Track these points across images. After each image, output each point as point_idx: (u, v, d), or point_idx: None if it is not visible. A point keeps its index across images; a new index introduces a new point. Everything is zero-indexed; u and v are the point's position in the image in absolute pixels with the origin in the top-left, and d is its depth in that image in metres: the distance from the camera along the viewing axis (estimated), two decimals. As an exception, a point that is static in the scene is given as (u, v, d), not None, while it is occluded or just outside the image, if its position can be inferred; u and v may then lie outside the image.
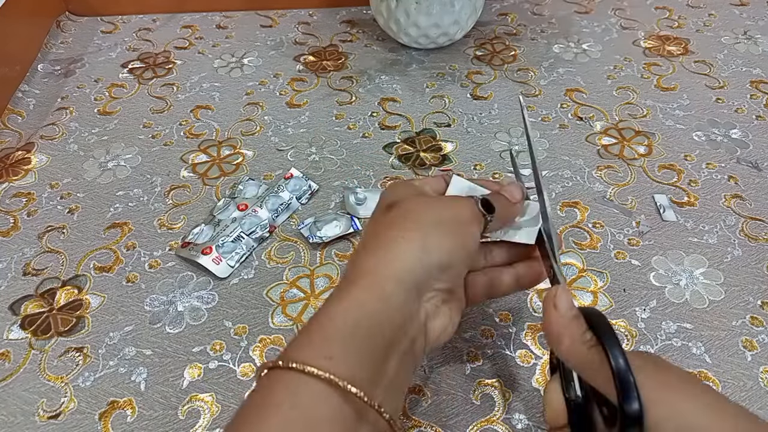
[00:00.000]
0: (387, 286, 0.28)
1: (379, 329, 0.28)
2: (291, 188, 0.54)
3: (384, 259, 0.29)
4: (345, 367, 0.26)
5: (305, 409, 0.25)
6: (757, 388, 0.40)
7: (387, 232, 0.31)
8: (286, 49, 0.76)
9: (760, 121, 0.62)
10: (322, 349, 0.26)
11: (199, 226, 0.51)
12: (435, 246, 0.30)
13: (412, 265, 0.29)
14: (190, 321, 0.45)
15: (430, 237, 0.30)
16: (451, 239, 0.31)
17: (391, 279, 0.29)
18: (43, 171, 0.58)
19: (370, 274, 0.29)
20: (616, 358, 0.26)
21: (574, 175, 0.56)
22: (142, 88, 0.70)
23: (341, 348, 0.27)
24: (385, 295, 0.28)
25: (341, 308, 0.28)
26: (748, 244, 0.49)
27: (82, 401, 0.40)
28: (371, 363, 0.27)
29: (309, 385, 0.25)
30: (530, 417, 0.38)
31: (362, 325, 0.27)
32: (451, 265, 0.31)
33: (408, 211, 0.32)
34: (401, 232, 0.30)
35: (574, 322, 0.29)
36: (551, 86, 0.68)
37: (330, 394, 0.25)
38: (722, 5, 0.83)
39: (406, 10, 0.67)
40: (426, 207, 0.32)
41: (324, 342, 0.27)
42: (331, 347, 0.26)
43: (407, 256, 0.29)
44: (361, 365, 0.26)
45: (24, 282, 0.48)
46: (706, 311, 0.44)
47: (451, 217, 0.31)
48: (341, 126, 0.63)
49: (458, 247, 0.31)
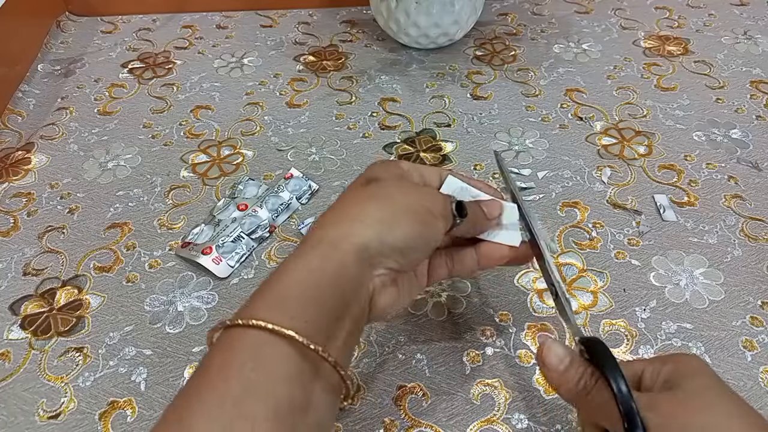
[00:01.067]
0: (346, 257, 0.29)
1: (334, 294, 0.28)
2: (291, 188, 0.54)
3: (348, 232, 0.30)
4: (304, 325, 0.26)
5: (267, 367, 0.25)
6: (757, 388, 0.40)
7: (357, 206, 0.32)
8: (286, 49, 0.76)
9: (760, 121, 0.62)
10: (283, 308, 0.27)
11: (199, 226, 0.51)
12: (398, 230, 0.31)
13: (370, 242, 0.30)
14: (190, 321, 0.45)
15: (395, 220, 0.31)
16: (415, 228, 0.31)
17: (351, 251, 0.29)
18: (43, 171, 0.58)
19: (332, 243, 0.30)
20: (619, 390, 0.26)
21: (574, 175, 0.56)
22: (142, 88, 0.70)
23: (301, 307, 0.27)
24: (341, 264, 0.29)
25: (300, 271, 0.29)
26: (748, 244, 0.49)
27: (82, 401, 0.40)
28: (326, 323, 0.28)
29: (271, 344, 0.26)
30: (530, 417, 0.38)
31: (321, 287, 0.28)
32: (408, 251, 0.31)
33: (383, 192, 0.33)
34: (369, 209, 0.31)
35: (566, 374, 0.30)
36: (551, 86, 0.68)
37: (290, 351, 0.26)
38: (722, 5, 0.83)
39: (406, 10, 0.67)
40: (400, 192, 0.33)
41: (285, 301, 0.28)
42: (292, 307, 0.27)
43: (369, 233, 0.30)
44: (316, 324, 0.27)
45: (24, 282, 0.48)
46: (706, 311, 0.44)
47: (421, 207, 0.32)
48: (341, 126, 0.63)
49: (420, 237, 0.32)
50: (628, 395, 0.26)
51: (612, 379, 0.26)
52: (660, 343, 0.42)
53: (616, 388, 0.26)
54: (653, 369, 0.29)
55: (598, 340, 0.29)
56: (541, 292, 0.46)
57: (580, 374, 0.29)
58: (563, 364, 0.30)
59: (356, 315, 0.30)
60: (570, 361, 0.30)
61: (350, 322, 0.29)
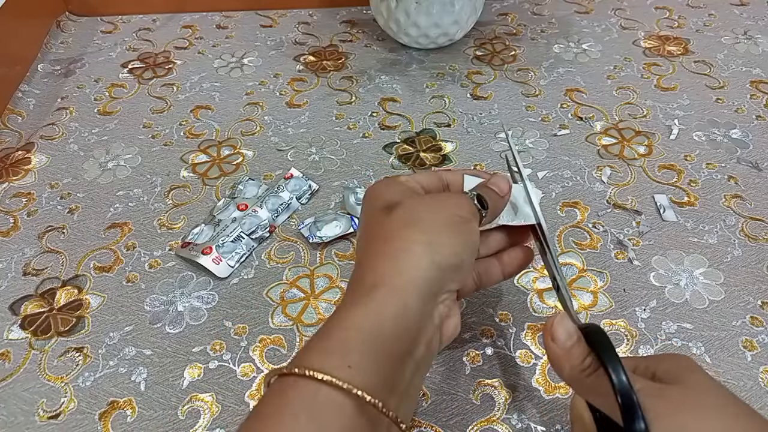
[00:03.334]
0: (404, 295, 0.28)
1: (397, 338, 0.27)
2: (291, 188, 0.54)
3: (397, 267, 0.29)
4: (362, 376, 0.25)
5: (322, 420, 0.24)
6: (757, 388, 0.40)
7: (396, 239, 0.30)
8: (286, 49, 0.76)
9: (760, 121, 0.62)
10: (339, 357, 0.26)
11: (199, 226, 0.51)
12: (446, 249, 0.30)
13: (427, 273, 0.29)
14: (190, 321, 0.45)
15: (439, 240, 0.30)
16: (458, 239, 0.30)
17: (408, 288, 0.28)
18: (43, 171, 0.58)
19: (385, 282, 0.28)
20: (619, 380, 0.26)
21: (574, 175, 0.56)
22: (142, 88, 0.70)
23: (359, 357, 0.26)
24: (402, 304, 0.28)
25: (358, 316, 0.28)
26: (748, 244, 0.49)
27: (82, 401, 0.40)
28: (388, 372, 0.27)
29: (326, 395, 0.25)
30: (530, 417, 0.38)
31: (380, 334, 0.27)
32: (462, 264, 0.31)
33: (412, 214, 0.31)
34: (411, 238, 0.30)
35: (572, 351, 0.29)
36: (551, 86, 0.68)
37: (346, 404, 0.25)
38: (722, 5, 0.83)
39: (406, 10, 0.67)
40: (428, 208, 0.32)
41: (341, 350, 0.26)
42: (348, 356, 0.26)
43: (421, 263, 0.29)
44: (377, 374, 0.26)
45: (24, 282, 0.48)
46: (706, 311, 0.44)
47: (454, 216, 0.31)
48: (341, 126, 0.63)
49: (466, 246, 0.31)
50: (627, 386, 0.25)
51: (611, 368, 0.26)
52: (660, 343, 0.42)
53: (616, 379, 0.26)
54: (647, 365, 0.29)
55: (598, 328, 0.29)
56: (541, 292, 0.46)
57: (585, 354, 0.28)
58: (571, 341, 0.29)
59: (422, 355, 0.29)
60: (578, 338, 0.29)
61: (414, 365, 0.28)
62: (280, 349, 0.43)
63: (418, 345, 0.28)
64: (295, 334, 0.44)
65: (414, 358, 0.28)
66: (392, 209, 0.32)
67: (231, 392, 0.40)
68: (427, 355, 0.29)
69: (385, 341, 0.27)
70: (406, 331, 0.28)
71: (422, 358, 0.29)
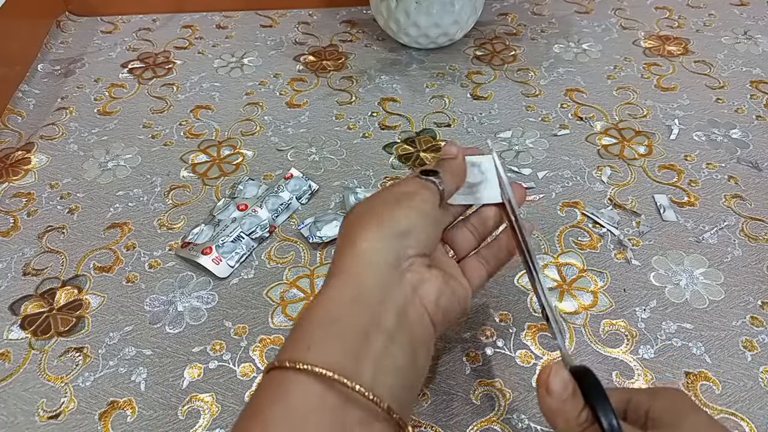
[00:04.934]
0: (357, 272, 0.30)
1: (354, 314, 0.29)
2: (291, 188, 0.54)
3: (352, 254, 0.31)
4: (323, 355, 0.27)
5: (289, 402, 0.26)
6: (757, 388, 0.40)
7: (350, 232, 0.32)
8: (286, 49, 0.76)
9: (760, 121, 0.62)
10: (301, 342, 0.28)
11: (199, 226, 0.51)
12: (390, 220, 0.31)
13: (376, 246, 0.30)
14: (190, 321, 0.45)
15: (384, 216, 0.31)
16: (402, 207, 0.32)
17: (361, 267, 0.30)
18: (43, 171, 0.58)
19: (342, 271, 0.30)
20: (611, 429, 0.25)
21: (574, 175, 0.56)
22: (142, 88, 0.70)
23: (318, 337, 0.28)
24: (357, 282, 0.30)
25: (319, 306, 0.30)
26: (748, 244, 0.49)
27: (82, 401, 0.40)
28: (351, 346, 0.27)
29: (293, 379, 0.26)
30: (530, 417, 0.38)
31: (337, 312, 0.29)
32: (410, 229, 0.31)
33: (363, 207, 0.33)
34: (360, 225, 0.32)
35: (568, 404, 0.28)
36: (551, 86, 0.68)
37: (313, 384, 0.26)
38: (722, 5, 0.83)
39: (406, 10, 0.67)
40: (376, 196, 0.34)
41: (303, 337, 0.28)
42: (307, 339, 0.28)
43: (371, 243, 0.30)
44: (339, 351, 0.27)
45: (24, 282, 0.48)
46: (706, 311, 0.44)
47: (396, 194, 0.33)
48: (341, 126, 0.63)
49: (412, 212, 0.32)
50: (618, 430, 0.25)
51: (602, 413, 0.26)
52: (660, 343, 0.42)
53: (607, 425, 0.25)
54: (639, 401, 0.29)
55: (587, 370, 0.28)
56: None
57: (581, 406, 0.28)
58: (567, 393, 0.28)
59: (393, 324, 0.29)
60: (573, 390, 0.28)
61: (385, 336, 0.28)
62: (281, 349, 0.43)
63: (384, 315, 0.29)
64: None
65: (382, 329, 0.29)
66: (350, 212, 0.34)
67: (231, 392, 0.40)
68: (402, 325, 0.29)
69: (342, 319, 0.28)
70: (364, 304, 0.29)
71: (394, 327, 0.29)
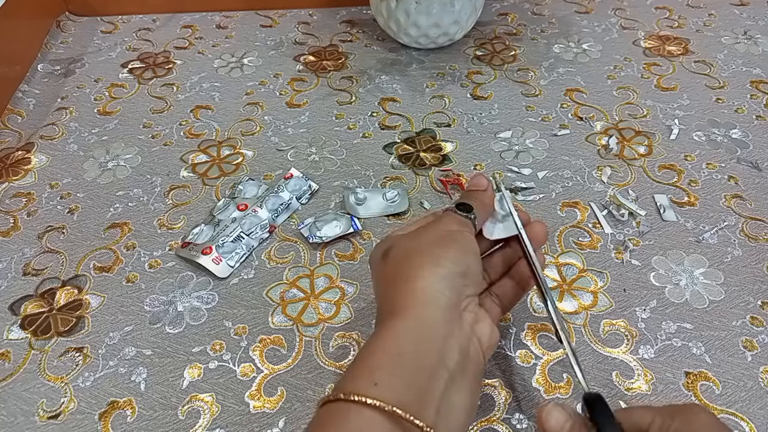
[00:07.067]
0: (421, 312, 0.30)
1: (421, 352, 0.29)
2: (291, 188, 0.54)
3: (412, 293, 0.31)
4: (391, 392, 0.27)
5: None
6: (757, 388, 0.40)
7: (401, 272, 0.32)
8: (286, 49, 0.76)
9: (760, 121, 0.62)
10: (368, 378, 0.28)
11: (199, 226, 0.51)
12: (448, 260, 0.32)
13: (438, 286, 0.31)
14: (190, 321, 0.45)
15: (439, 255, 0.32)
16: (453, 248, 0.32)
17: (425, 306, 0.30)
18: (43, 171, 0.58)
19: (403, 308, 0.30)
20: None
21: (574, 175, 0.56)
22: (142, 88, 0.70)
23: (385, 375, 0.28)
24: (423, 321, 0.30)
25: (380, 341, 0.29)
26: (748, 244, 0.49)
27: (82, 401, 0.40)
28: (417, 385, 0.28)
29: (357, 413, 0.26)
30: (530, 417, 0.38)
31: (404, 351, 0.28)
32: (467, 269, 0.32)
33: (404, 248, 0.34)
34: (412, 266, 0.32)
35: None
36: (551, 86, 0.68)
37: (377, 419, 0.26)
38: (722, 5, 0.83)
39: (406, 10, 0.67)
40: (418, 236, 0.34)
41: (369, 372, 0.28)
42: (374, 375, 0.28)
43: (429, 281, 0.31)
44: (406, 389, 0.27)
45: (24, 282, 0.48)
46: (706, 311, 0.44)
47: (441, 231, 0.34)
48: (341, 126, 0.63)
49: (464, 251, 0.33)
50: None
51: None
52: (660, 343, 0.42)
53: None
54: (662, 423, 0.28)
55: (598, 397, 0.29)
56: (541, 292, 0.46)
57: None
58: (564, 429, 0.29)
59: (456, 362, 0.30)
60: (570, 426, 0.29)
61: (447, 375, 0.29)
62: (280, 349, 0.43)
63: (448, 354, 0.29)
64: (295, 334, 0.44)
65: (447, 368, 0.29)
66: (388, 253, 0.34)
67: (231, 392, 0.40)
68: (465, 363, 0.30)
69: (409, 356, 0.28)
70: (430, 343, 0.29)
71: (457, 366, 0.30)
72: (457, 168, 0.57)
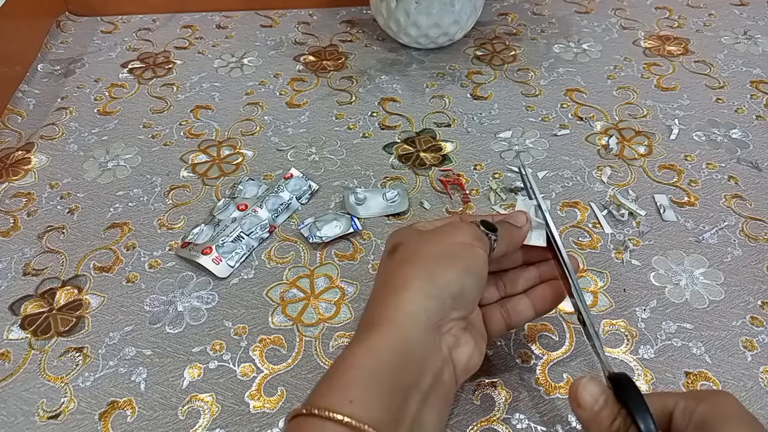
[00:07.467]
0: (402, 329, 0.29)
1: (399, 371, 0.28)
2: (291, 188, 0.54)
3: (396, 305, 0.30)
4: (365, 410, 0.26)
5: None
6: (757, 388, 0.40)
7: (395, 278, 0.32)
8: (286, 49, 0.76)
9: (760, 121, 0.62)
10: (342, 394, 0.27)
11: (199, 226, 0.51)
12: (443, 279, 0.31)
13: (424, 304, 0.30)
14: (190, 321, 0.45)
15: (436, 272, 0.31)
16: (456, 268, 0.31)
17: (406, 322, 0.30)
18: (43, 171, 0.58)
19: (386, 321, 0.30)
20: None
21: (574, 175, 0.56)
22: (142, 88, 0.70)
23: (360, 391, 0.27)
24: (401, 338, 0.29)
25: (358, 354, 0.29)
26: (748, 244, 0.49)
27: (82, 401, 0.40)
28: (392, 404, 0.27)
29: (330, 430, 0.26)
30: (530, 417, 0.38)
31: (381, 369, 0.28)
32: (463, 293, 0.31)
33: (411, 252, 0.33)
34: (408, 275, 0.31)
35: (600, 414, 0.28)
36: (551, 86, 0.68)
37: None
38: (722, 5, 0.83)
39: (406, 10, 0.67)
40: (426, 242, 0.33)
41: (344, 387, 0.28)
42: (351, 392, 0.27)
43: (418, 296, 0.30)
44: (380, 408, 0.27)
45: (24, 282, 0.48)
46: (706, 311, 0.44)
47: (453, 244, 0.32)
48: (341, 126, 0.63)
49: (466, 274, 0.32)
50: None
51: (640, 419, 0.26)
52: (660, 343, 0.42)
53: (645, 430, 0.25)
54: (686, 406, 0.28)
55: (626, 377, 0.29)
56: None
57: (614, 415, 0.28)
58: (597, 405, 0.29)
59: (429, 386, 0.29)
60: (604, 400, 0.29)
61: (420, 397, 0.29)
62: (280, 349, 0.43)
63: (423, 376, 0.29)
64: (295, 334, 0.44)
65: (420, 390, 0.29)
66: (395, 250, 0.33)
67: (231, 392, 0.40)
68: (436, 386, 0.30)
69: (386, 375, 0.28)
70: (408, 363, 0.29)
71: (429, 388, 0.29)
72: (457, 168, 0.57)
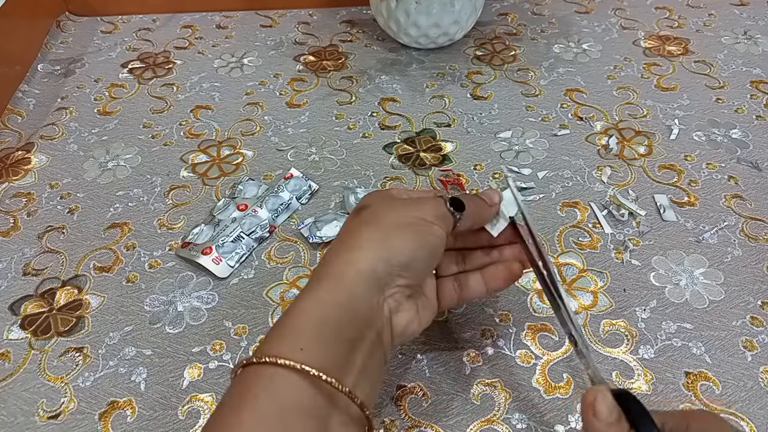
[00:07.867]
0: (350, 285, 0.30)
1: (346, 323, 0.29)
2: (291, 188, 0.54)
3: (349, 261, 0.31)
4: (315, 357, 0.27)
5: (279, 398, 0.26)
6: (757, 388, 0.40)
7: (352, 236, 0.33)
8: (286, 49, 0.76)
9: (760, 121, 0.62)
10: (293, 342, 0.28)
11: (199, 226, 0.51)
12: (396, 247, 0.32)
13: (374, 265, 0.31)
14: (190, 321, 0.45)
15: (391, 238, 0.32)
16: (412, 239, 0.32)
17: (355, 278, 0.31)
18: (43, 171, 0.58)
19: (337, 275, 0.31)
20: None
21: (574, 175, 0.56)
22: (142, 88, 0.70)
23: (311, 341, 0.28)
24: (348, 293, 0.30)
25: (310, 305, 0.30)
26: (748, 244, 0.49)
27: (82, 401, 0.40)
28: (339, 353, 0.29)
29: (282, 377, 0.27)
30: (530, 417, 0.38)
31: (329, 320, 0.29)
32: (412, 263, 0.32)
33: (374, 215, 0.34)
34: (365, 236, 0.32)
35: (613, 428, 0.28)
36: (551, 86, 0.68)
37: (302, 383, 0.27)
38: (722, 5, 0.83)
39: (406, 10, 0.67)
40: (390, 210, 0.34)
41: (295, 336, 0.29)
42: (301, 340, 0.28)
43: (369, 257, 0.31)
44: (329, 356, 0.28)
45: (24, 282, 0.48)
46: (706, 311, 0.44)
47: (413, 218, 0.33)
48: (341, 126, 0.63)
49: (419, 246, 0.32)
50: None
51: None
52: (660, 343, 0.42)
53: None
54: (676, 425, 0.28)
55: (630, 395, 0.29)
56: (541, 292, 0.46)
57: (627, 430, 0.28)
58: (613, 417, 0.28)
59: (372, 342, 0.30)
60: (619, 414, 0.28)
61: (366, 350, 0.30)
62: (280, 349, 0.43)
63: (366, 331, 0.30)
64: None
65: (365, 343, 0.30)
66: (361, 211, 0.35)
67: (231, 392, 0.40)
68: (377, 343, 0.31)
69: (333, 327, 0.29)
70: (354, 318, 0.30)
71: (374, 344, 0.31)
72: (457, 168, 0.57)
